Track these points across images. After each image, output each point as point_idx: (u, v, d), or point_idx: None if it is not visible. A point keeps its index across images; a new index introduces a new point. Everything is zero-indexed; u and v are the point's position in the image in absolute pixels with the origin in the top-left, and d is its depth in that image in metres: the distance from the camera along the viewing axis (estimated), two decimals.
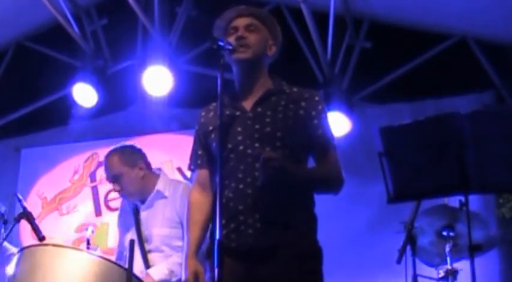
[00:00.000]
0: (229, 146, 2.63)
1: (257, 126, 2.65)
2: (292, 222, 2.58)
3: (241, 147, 2.62)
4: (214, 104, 2.80)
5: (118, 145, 3.76)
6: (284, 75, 2.87)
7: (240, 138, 2.64)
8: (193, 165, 2.81)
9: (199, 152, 2.79)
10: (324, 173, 2.70)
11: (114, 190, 3.69)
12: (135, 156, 3.69)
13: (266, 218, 2.55)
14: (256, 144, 2.61)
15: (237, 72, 2.77)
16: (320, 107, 2.73)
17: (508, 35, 5.34)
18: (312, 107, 2.71)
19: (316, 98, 2.75)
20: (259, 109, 2.69)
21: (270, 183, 2.52)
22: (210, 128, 2.74)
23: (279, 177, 2.52)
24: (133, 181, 3.62)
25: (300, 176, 2.64)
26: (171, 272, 3.46)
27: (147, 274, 3.43)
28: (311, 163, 2.77)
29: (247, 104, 2.71)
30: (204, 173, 2.78)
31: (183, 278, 2.68)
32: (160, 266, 3.47)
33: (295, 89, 2.77)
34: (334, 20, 5.39)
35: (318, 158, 2.72)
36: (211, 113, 2.80)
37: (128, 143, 3.83)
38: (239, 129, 2.66)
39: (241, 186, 2.58)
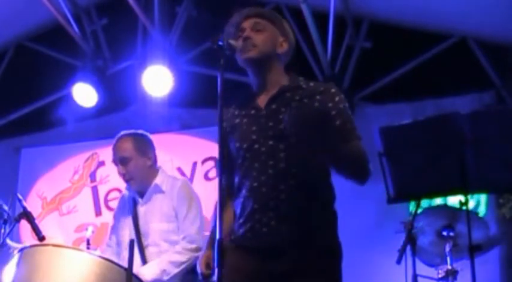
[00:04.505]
0: (245, 145, 2.64)
1: (271, 124, 2.63)
2: (306, 218, 2.57)
3: (255, 146, 2.62)
4: (233, 106, 2.79)
5: (133, 131, 3.81)
6: None
7: (254, 137, 2.64)
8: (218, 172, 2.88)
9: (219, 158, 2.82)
10: (349, 152, 2.59)
11: (119, 173, 3.72)
12: (147, 146, 3.76)
13: (280, 215, 2.54)
14: (270, 142, 2.60)
15: (250, 73, 2.77)
16: (337, 98, 2.66)
17: (508, 35, 5.34)
18: (328, 99, 2.65)
19: (333, 90, 2.69)
20: (273, 106, 2.67)
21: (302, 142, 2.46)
22: (228, 129, 2.74)
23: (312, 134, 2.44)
24: (139, 168, 3.68)
25: (326, 143, 2.49)
26: (163, 271, 3.47)
27: (138, 274, 3.44)
28: None
29: (262, 102, 2.70)
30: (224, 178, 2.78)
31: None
32: (152, 265, 3.47)
33: (311, 84, 2.74)
34: (334, 20, 5.39)
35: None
36: (229, 115, 2.78)
37: (142, 131, 3.86)
38: (254, 128, 2.66)
39: (255, 184, 2.58)
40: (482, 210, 5.17)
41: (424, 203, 4.74)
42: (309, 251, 2.54)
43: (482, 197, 5.20)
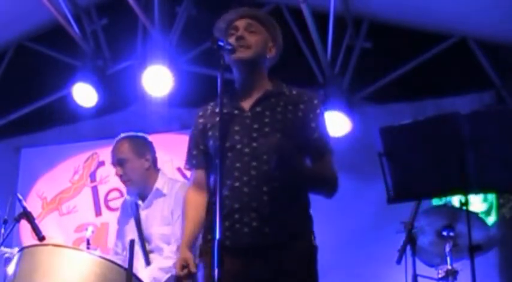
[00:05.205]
0: (227, 144, 2.64)
1: (256, 126, 2.66)
2: (288, 221, 2.60)
3: (238, 146, 2.64)
4: (211, 104, 2.83)
5: (131, 133, 3.82)
6: (284, 75, 2.87)
7: (237, 137, 2.65)
8: (189, 165, 2.85)
9: (194, 152, 2.82)
10: (321, 172, 2.72)
11: (116, 174, 3.73)
12: (145, 148, 3.77)
13: (262, 217, 2.56)
14: (254, 144, 2.62)
15: (236, 72, 2.78)
16: (318, 111, 2.75)
17: (508, 35, 5.34)
18: (310, 109, 2.73)
19: (315, 101, 2.77)
20: (258, 109, 2.71)
21: (279, 169, 2.53)
22: (208, 126, 2.77)
23: (290, 161, 2.54)
24: (136, 170, 3.68)
25: (303, 166, 2.66)
26: (154, 279, 3.45)
27: None
28: None
29: (246, 104, 2.73)
30: (199, 173, 2.81)
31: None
32: (143, 274, 3.42)
33: (294, 92, 2.79)
34: (334, 20, 5.39)
35: (314, 161, 2.74)
36: (208, 112, 2.82)
37: (141, 134, 3.87)
38: (237, 128, 2.67)
39: (237, 184, 2.59)
40: (493, 219, 5.15)
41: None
42: (290, 253, 2.57)
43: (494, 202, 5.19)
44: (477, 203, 5.13)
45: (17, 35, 6.84)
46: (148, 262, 3.56)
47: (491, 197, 5.11)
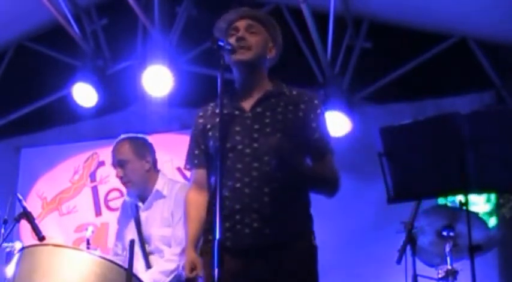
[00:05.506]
0: (228, 145, 2.64)
1: (256, 127, 2.67)
2: (288, 221, 2.60)
3: (239, 147, 2.64)
4: (212, 104, 2.84)
5: (132, 134, 3.82)
6: (284, 75, 2.88)
7: (238, 137, 2.65)
8: (190, 164, 2.84)
9: (196, 152, 2.81)
10: (322, 171, 2.73)
11: (117, 176, 3.73)
12: (145, 149, 3.76)
13: (263, 218, 2.56)
14: (255, 145, 2.62)
15: (236, 73, 2.78)
16: (318, 111, 2.76)
17: (508, 35, 5.34)
18: (310, 110, 2.74)
19: (316, 102, 2.77)
20: (258, 109, 2.71)
21: (280, 169, 2.54)
22: (208, 126, 2.77)
23: (291, 162, 2.55)
24: (137, 171, 3.68)
25: (304, 166, 2.67)
26: None
27: None
28: None
29: (246, 105, 2.73)
30: (200, 173, 2.81)
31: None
32: (144, 277, 3.39)
33: (294, 92, 2.79)
34: (334, 20, 5.39)
35: (314, 161, 2.74)
36: (209, 112, 2.82)
37: (142, 135, 3.87)
38: (237, 128, 2.67)
39: (238, 185, 2.60)
40: (495, 220, 5.14)
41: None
42: (290, 253, 2.57)
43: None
44: (481, 203, 5.13)
45: (17, 35, 6.84)
46: (148, 263, 3.56)
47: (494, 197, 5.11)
